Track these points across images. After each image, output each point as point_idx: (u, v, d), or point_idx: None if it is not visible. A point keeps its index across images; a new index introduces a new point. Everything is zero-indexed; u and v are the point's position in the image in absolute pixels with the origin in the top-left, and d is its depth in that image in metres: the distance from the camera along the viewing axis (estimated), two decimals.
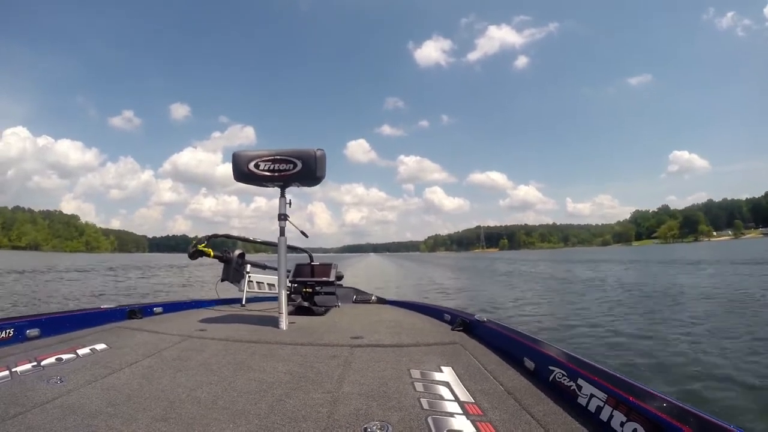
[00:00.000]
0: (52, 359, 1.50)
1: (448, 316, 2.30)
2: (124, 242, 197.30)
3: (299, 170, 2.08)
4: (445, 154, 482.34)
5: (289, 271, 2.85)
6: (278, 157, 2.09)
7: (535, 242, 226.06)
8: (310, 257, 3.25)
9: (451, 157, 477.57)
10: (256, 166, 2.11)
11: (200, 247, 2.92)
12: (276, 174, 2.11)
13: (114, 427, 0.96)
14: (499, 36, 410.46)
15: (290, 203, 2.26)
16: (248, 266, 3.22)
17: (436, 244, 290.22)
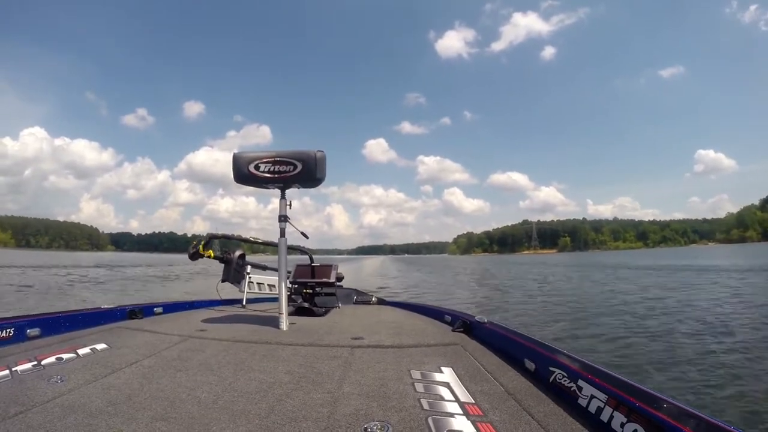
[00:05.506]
0: (52, 359, 1.50)
1: (448, 317, 2.29)
2: (73, 237, 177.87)
3: (299, 172, 2.09)
4: (466, 154, 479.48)
5: (289, 272, 2.85)
6: (278, 158, 2.10)
7: (607, 241, 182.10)
8: (311, 258, 3.25)
9: (472, 157, 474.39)
10: (256, 167, 2.11)
11: (200, 247, 2.93)
12: (276, 175, 2.11)
13: (114, 427, 0.96)
14: (525, 23, 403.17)
15: (290, 204, 2.26)
16: (249, 267, 3.22)
17: (470, 244, 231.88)
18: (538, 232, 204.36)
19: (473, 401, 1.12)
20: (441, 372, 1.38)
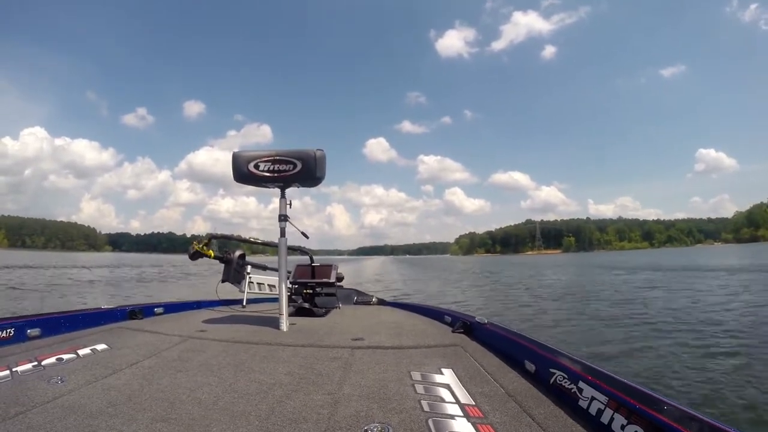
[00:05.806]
0: (52, 359, 1.50)
1: (449, 318, 2.29)
2: (70, 237, 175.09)
3: (299, 171, 2.08)
4: (467, 153, 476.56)
5: (289, 273, 2.85)
6: (278, 157, 2.09)
7: (612, 240, 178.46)
8: (311, 258, 3.25)
9: (473, 157, 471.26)
10: (256, 166, 2.11)
11: (199, 247, 2.93)
12: (276, 175, 2.11)
13: (114, 427, 0.96)
14: (526, 22, 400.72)
15: (290, 204, 2.26)
16: (249, 267, 3.22)
17: (472, 244, 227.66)
18: (542, 232, 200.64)
19: (473, 403, 1.12)
20: (441, 373, 1.38)
